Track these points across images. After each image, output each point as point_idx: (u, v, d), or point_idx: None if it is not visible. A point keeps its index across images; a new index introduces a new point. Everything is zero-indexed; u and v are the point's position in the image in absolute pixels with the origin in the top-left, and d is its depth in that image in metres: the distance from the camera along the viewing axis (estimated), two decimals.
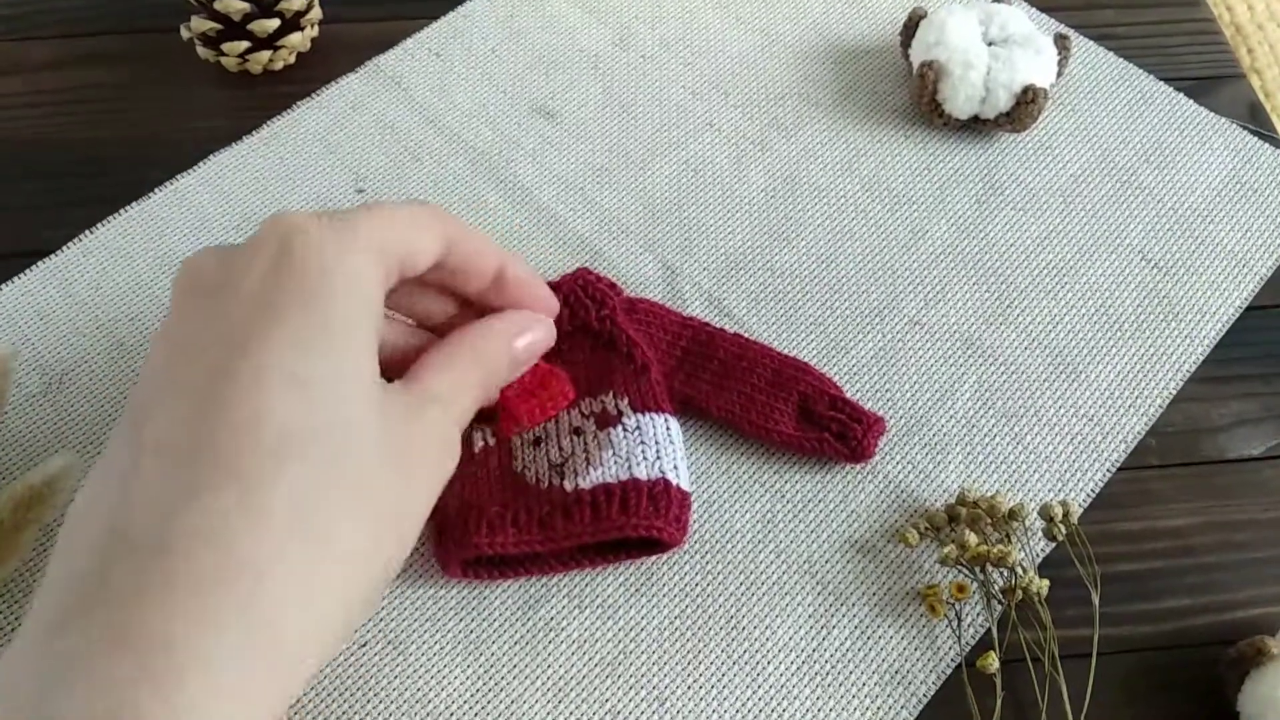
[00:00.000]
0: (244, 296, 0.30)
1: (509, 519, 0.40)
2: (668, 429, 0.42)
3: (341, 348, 0.30)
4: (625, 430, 0.42)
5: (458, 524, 0.40)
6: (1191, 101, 0.57)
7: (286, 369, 0.29)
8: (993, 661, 0.39)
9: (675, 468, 0.41)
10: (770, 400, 0.44)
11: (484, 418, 0.43)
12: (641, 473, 0.41)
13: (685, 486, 0.41)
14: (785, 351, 0.46)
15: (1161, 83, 0.58)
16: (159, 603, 0.26)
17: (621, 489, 0.40)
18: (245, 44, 0.55)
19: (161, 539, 0.26)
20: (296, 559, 0.27)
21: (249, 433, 0.28)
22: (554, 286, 0.45)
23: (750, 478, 0.44)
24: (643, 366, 0.44)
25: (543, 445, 0.42)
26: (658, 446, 0.42)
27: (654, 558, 0.42)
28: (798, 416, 0.44)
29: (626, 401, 0.43)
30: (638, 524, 0.39)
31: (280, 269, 0.30)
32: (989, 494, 0.43)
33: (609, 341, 0.44)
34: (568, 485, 0.41)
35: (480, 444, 0.43)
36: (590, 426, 0.42)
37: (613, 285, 0.46)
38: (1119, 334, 0.49)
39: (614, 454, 0.41)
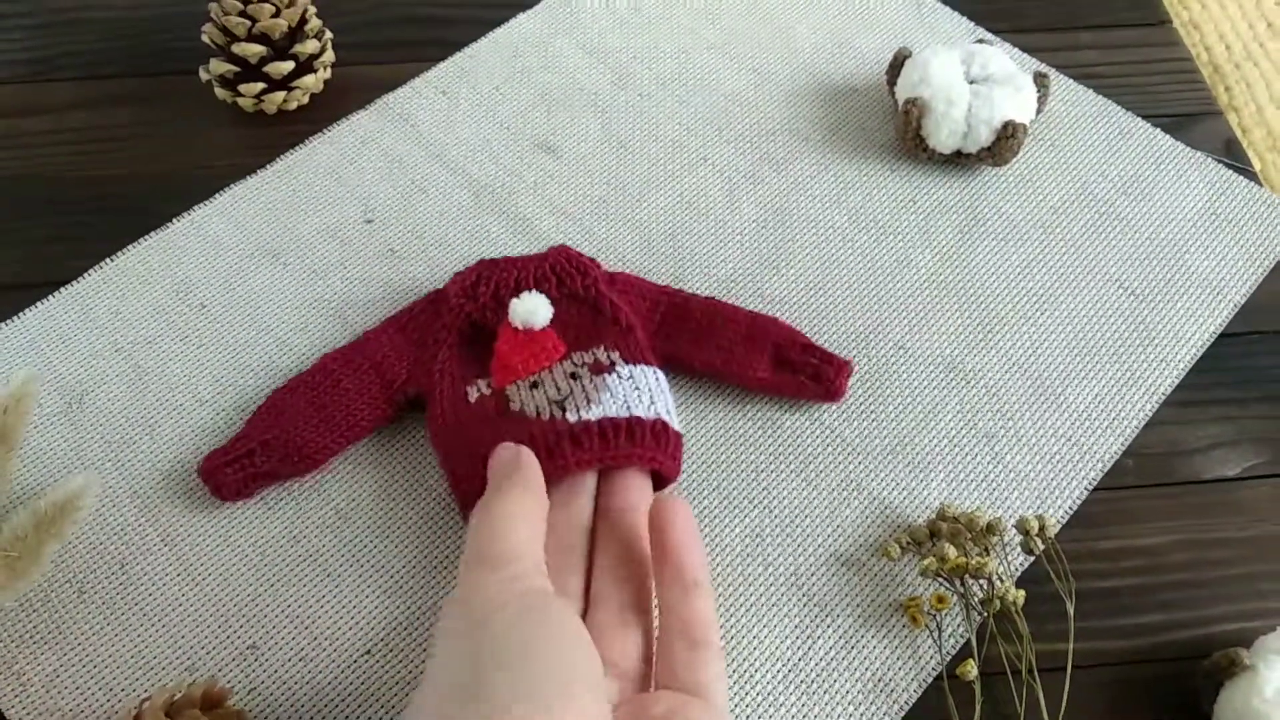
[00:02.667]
0: None
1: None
2: (657, 379, 0.45)
3: None
4: (619, 377, 0.44)
5: (470, 469, 0.41)
6: (1169, 137, 0.59)
7: None
8: (971, 669, 0.40)
9: (669, 412, 0.44)
10: (746, 351, 0.47)
11: (479, 372, 0.45)
12: (640, 413, 0.42)
13: (679, 430, 0.44)
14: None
15: (1140, 119, 0.60)
16: None
17: (627, 424, 0.41)
18: (261, 85, 0.58)
19: None
20: None
21: None
22: (539, 259, 0.48)
23: (739, 493, 0.46)
24: (628, 326, 0.47)
25: (540, 388, 0.44)
26: (651, 393, 0.44)
27: None
28: (773, 363, 0.47)
29: (618, 354, 0.45)
30: (643, 454, 0.41)
31: None
32: (969, 510, 0.44)
33: (594, 305, 0.47)
34: (570, 417, 0.42)
35: (476, 394, 0.45)
36: (585, 373, 0.44)
37: (593, 260, 0.49)
38: (1097, 359, 0.51)
39: (611, 396, 0.43)
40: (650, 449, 0.41)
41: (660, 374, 0.45)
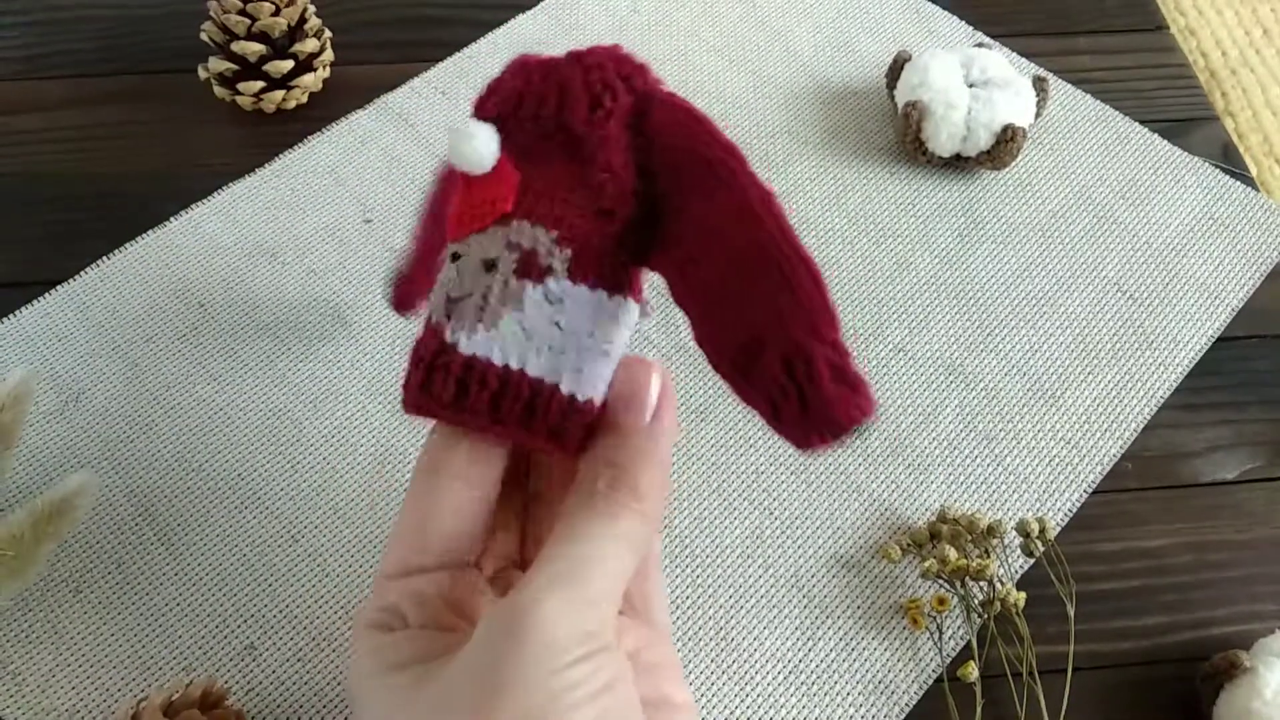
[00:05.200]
0: None
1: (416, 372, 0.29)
2: (596, 310, 0.29)
3: None
4: (545, 299, 0.29)
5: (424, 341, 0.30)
6: (1166, 142, 0.59)
7: None
8: (972, 671, 0.40)
9: (583, 370, 0.29)
10: (720, 318, 0.28)
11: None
12: (536, 367, 0.28)
13: (583, 396, 0.29)
14: None
15: (1137, 124, 0.60)
16: None
17: (499, 382, 0.28)
18: (260, 84, 0.58)
19: None
20: None
21: None
22: (577, 56, 0.30)
23: (740, 495, 0.46)
24: (607, 212, 0.29)
25: (463, 261, 0.30)
26: (577, 338, 0.29)
27: None
28: (733, 363, 0.28)
29: (566, 256, 0.29)
30: (511, 434, 0.29)
31: None
32: (969, 512, 0.44)
33: (588, 159, 0.29)
34: (448, 334, 0.29)
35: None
36: (507, 264, 0.29)
37: (629, 78, 0.30)
38: (1095, 361, 0.51)
39: (518, 322, 0.29)
40: (515, 428, 0.28)
41: (607, 303, 0.29)
